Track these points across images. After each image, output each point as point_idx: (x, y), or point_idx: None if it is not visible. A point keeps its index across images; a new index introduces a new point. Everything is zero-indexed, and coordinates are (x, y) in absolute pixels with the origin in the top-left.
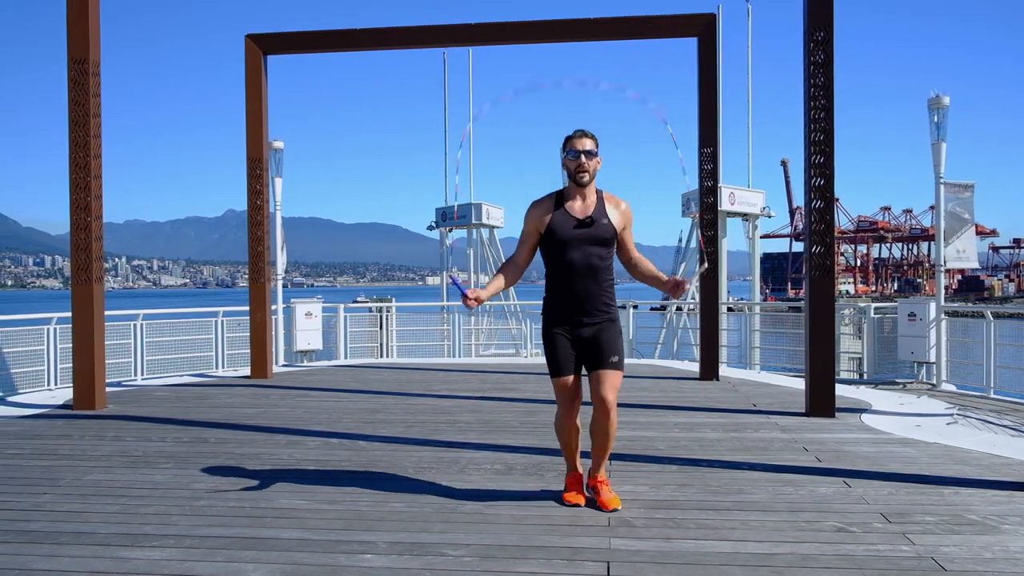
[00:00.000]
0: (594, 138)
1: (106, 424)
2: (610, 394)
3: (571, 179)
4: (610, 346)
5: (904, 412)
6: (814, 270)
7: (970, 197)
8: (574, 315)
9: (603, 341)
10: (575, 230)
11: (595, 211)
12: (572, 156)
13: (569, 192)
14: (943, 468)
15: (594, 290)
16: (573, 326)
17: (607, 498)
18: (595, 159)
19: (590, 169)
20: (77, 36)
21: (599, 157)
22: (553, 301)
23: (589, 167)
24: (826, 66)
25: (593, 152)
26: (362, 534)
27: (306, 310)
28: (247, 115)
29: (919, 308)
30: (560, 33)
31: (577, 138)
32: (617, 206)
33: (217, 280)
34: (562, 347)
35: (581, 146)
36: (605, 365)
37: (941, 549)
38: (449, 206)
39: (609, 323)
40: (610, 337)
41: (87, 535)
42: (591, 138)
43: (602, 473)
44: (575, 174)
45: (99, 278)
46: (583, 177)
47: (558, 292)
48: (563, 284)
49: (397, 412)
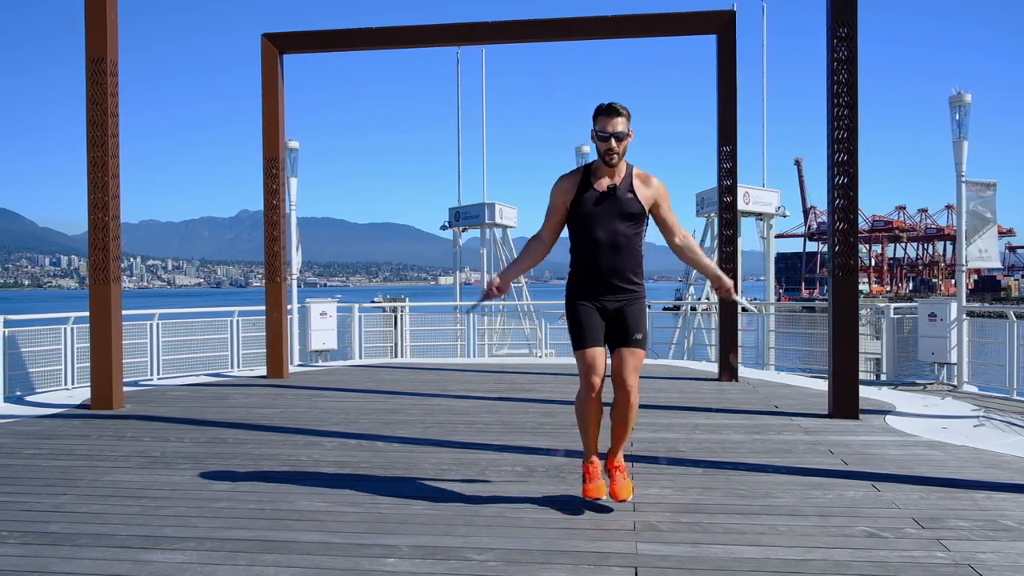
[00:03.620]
0: (626, 114)
1: (124, 424)
2: (632, 376)
3: (600, 157)
4: (635, 322)
5: (929, 414)
6: (837, 270)
7: (992, 196)
8: (599, 292)
9: (628, 316)
10: (599, 204)
11: (622, 184)
12: (602, 136)
13: (597, 168)
14: (973, 472)
15: (619, 267)
16: (598, 301)
17: (619, 486)
18: (625, 139)
19: (619, 151)
20: (95, 35)
21: (631, 133)
22: (577, 277)
23: (619, 149)
24: (850, 62)
25: (624, 133)
26: (384, 537)
27: (321, 310)
28: (263, 114)
29: (940, 308)
30: (577, 31)
31: (608, 116)
32: (646, 182)
33: (231, 280)
34: (587, 316)
35: (612, 127)
36: (628, 343)
37: (978, 556)
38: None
39: (635, 300)
40: (635, 313)
41: (107, 537)
42: (623, 115)
43: (619, 458)
44: (603, 155)
45: (117, 278)
46: (612, 159)
47: (582, 268)
48: (588, 260)
49: (414, 413)
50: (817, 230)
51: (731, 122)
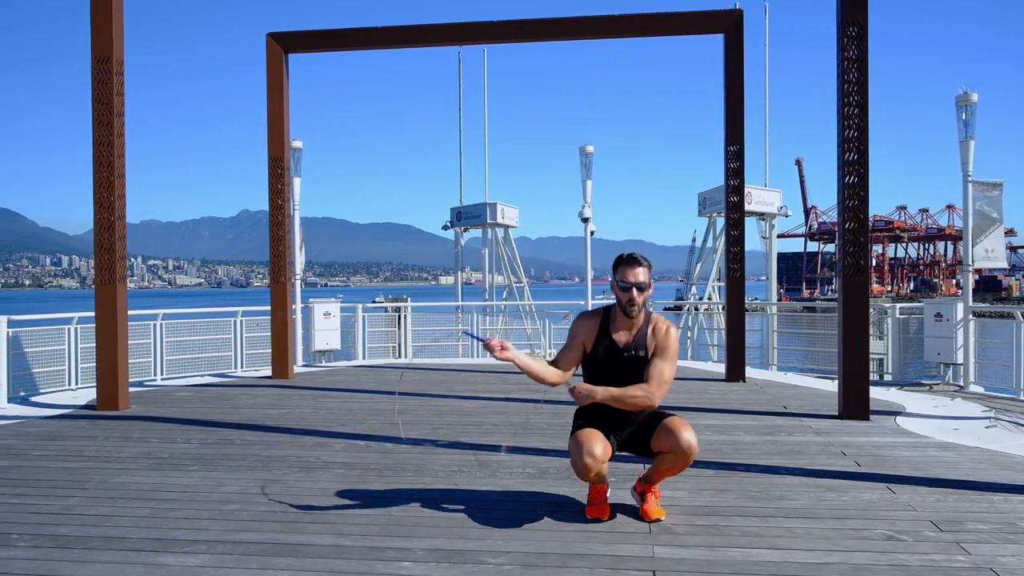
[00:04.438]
0: (647, 265)
1: (130, 425)
2: (693, 438)
3: (620, 308)
4: (657, 413)
5: (939, 415)
6: (848, 270)
7: (999, 196)
8: (607, 426)
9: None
10: (613, 359)
11: (636, 340)
12: (623, 288)
13: (616, 317)
14: (988, 474)
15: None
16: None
17: (651, 507)
18: (647, 290)
19: (640, 302)
20: (101, 34)
21: (651, 284)
22: (587, 412)
23: (639, 300)
24: (860, 61)
25: (645, 284)
26: (398, 540)
27: (325, 310)
28: (268, 114)
29: (946, 309)
30: (583, 30)
31: (629, 267)
32: (657, 334)
33: (231, 280)
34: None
35: (633, 278)
36: (663, 416)
37: (999, 559)
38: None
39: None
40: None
41: (117, 540)
42: (644, 266)
43: (657, 488)
44: (625, 306)
45: (123, 277)
46: (632, 310)
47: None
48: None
49: (422, 414)
50: (818, 230)
51: (738, 122)
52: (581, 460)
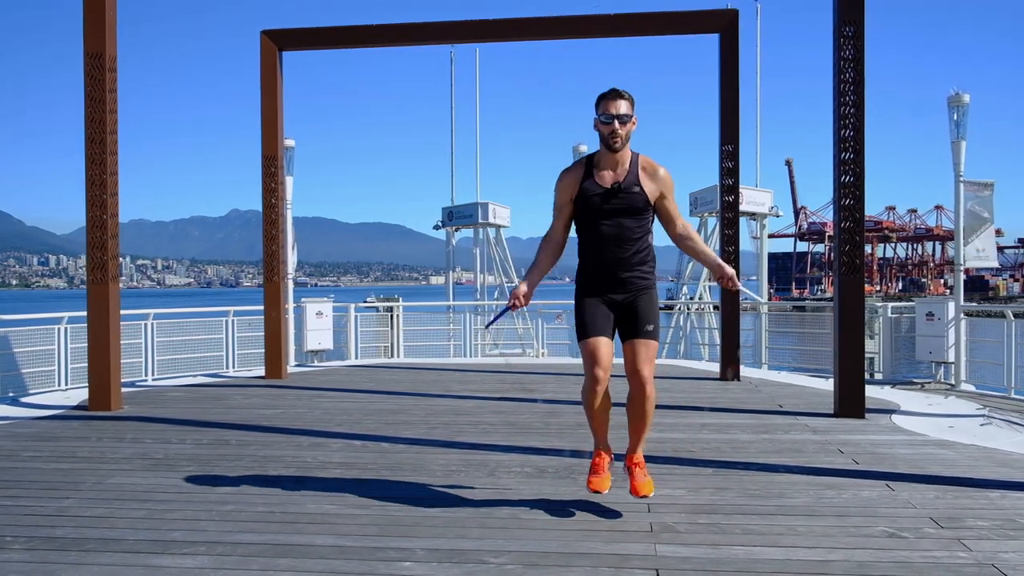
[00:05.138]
0: (629, 99)
1: (123, 425)
2: (646, 368)
3: (603, 144)
4: (645, 314)
5: (934, 413)
6: (843, 268)
7: (990, 196)
8: (606, 286)
9: (638, 308)
10: (604, 200)
11: (627, 179)
12: (605, 120)
13: (601, 158)
14: (986, 471)
15: (627, 261)
16: (606, 295)
17: (640, 483)
18: (629, 123)
19: (623, 134)
20: (93, 30)
21: (634, 119)
22: (585, 272)
23: (622, 132)
24: (856, 61)
25: (627, 116)
26: (398, 540)
27: (317, 309)
28: (262, 112)
29: (937, 308)
30: (577, 29)
31: (611, 99)
32: (653, 173)
33: (221, 280)
34: (592, 308)
35: (615, 109)
36: (640, 334)
37: (1000, 556)
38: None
39: (644, 292)
40: (645, 305)
41: (114, 541)
42: (626, 99)
43: (638, 455)
44: (607, 139)
45: (115, 277)
46: (616, 143)
47: (590, 263)
48: (594, 255)
49: (417, 413)
50: (807, 230)
51: (734, 121)
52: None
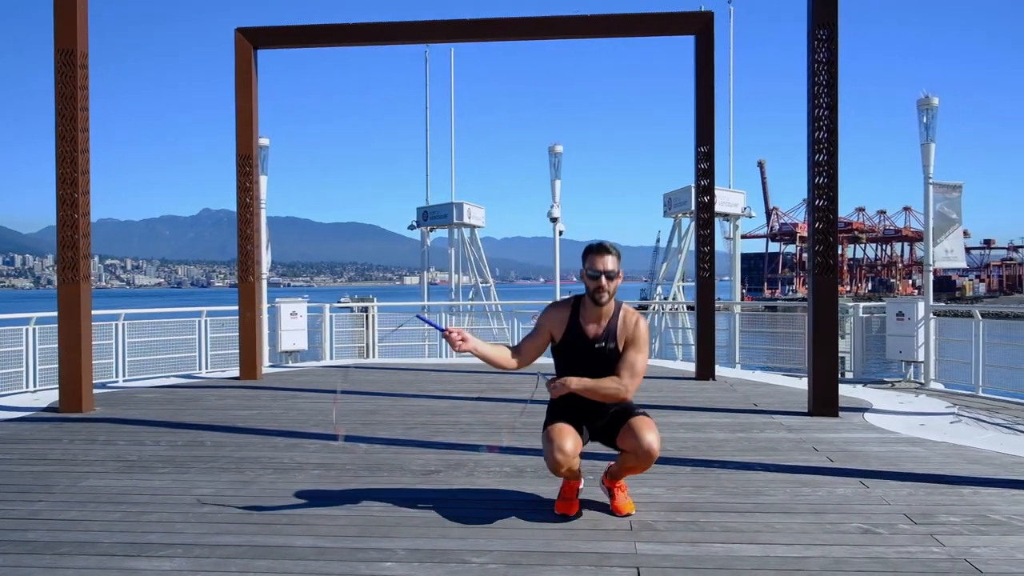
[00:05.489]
0: (616, 254)
1: (96, 427)
2: (656, 442)
3: (589, 297)
4: (630, 407)
5: (905, 411)
6: (817, 268)
7: (958, 197)
8: (581, 416)
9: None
10: (584, 352)
11: (606, 331)
12: (592, 275)
13: (585, 309)
14: (957, 467)
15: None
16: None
17: (622, 503)
18: (616, 278)
19: (610, 290)
20: (64, 26)
21: (621, 273)
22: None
23: (609, 288)
24: (830, 64)
25: (614, 272)
26: (378, 541)
27: (291, 310)
28: (237, 111)
29: (907, 308)
30: (554, 30)
31: (598, 255)
32: (627, 324)
33: (192, 280)
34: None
35: (602, 265)
36: (633, 414)
37: (973, 551)
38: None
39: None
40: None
41: (89, 544)
42: (613, 254)
43: (622, 481)
44: (593, 294)
45: (87, 276)
46: (601, 297)
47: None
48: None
49: (394, 413)
50: (779, 231)
51: (709, 122)
52: (552, 456)
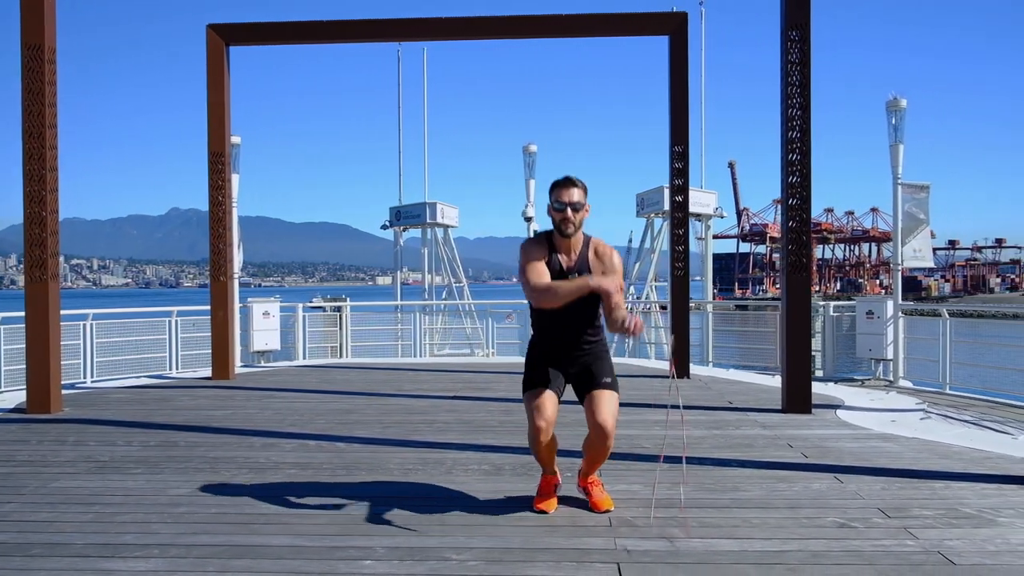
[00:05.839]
0: (582, 187)
1: (65, 428)
2: (609, 419)
3: (556, 230)
4: (600, 370)
5: (877, 408)
6: (791, 267)
7: (926, 198)
8: (559, 359)
9: (592, 367)
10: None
11: (578, 263)
12: (557, 207)
13: (556, 241)
14: (928, 463)
15: (577, 339)
16: (559, 365)
17: (599, 499)
18: (582, 211)
19: (576, 221)
20: (32, 21)
21: (587, 206)
22: (539, 345)
23: (575, 220)
24: (802, 64)
25: (580, 204)
26: (358, 539)
27: (264, 309)
28: (209, 108)
29: (877, 306)
30: (528, 29)
31: (563, 187)
32: (601, 256)
33: (160, 280)
34: (541, 364)
35: (567, 197)
36: (598, 385)
37: (945, 543)
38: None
39: (597, 355)
40: (599, 364)
41: (62, 546)
42: (579, 187)
43: (594, 475)
44: (559, 226)
45: (55, 275)
46: (567, 229)
47: (542, 336)
48: (547, 332)
49: (371, 413)
50: (750, 231)
51: (683, 122)
52: (534, 424)
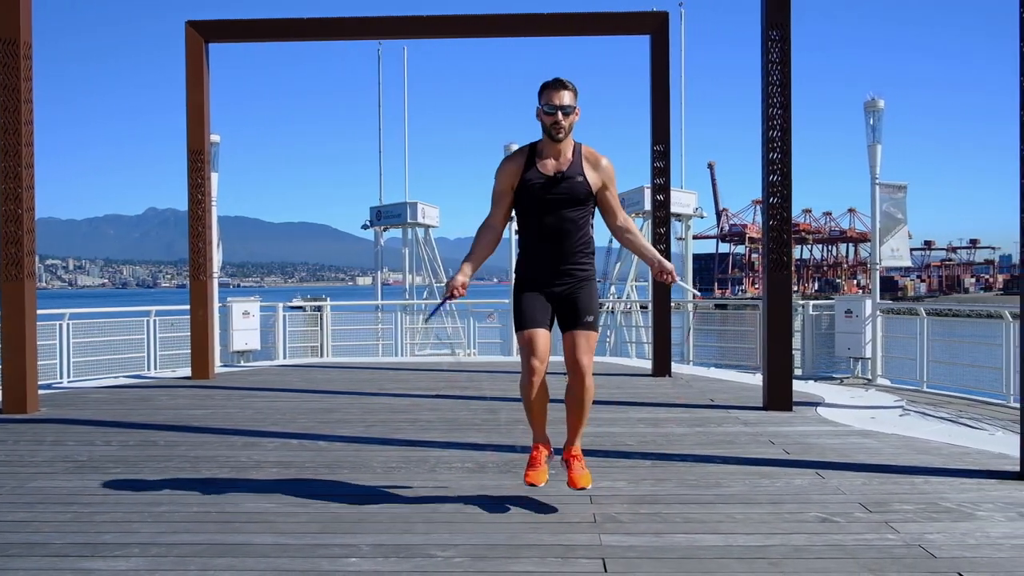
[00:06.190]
0: (573, 89)
1: (42, 428)
2: (585, 357)
3: (545, 134)
4: (585, 305)
5: (856, 405)
6: (772, 266)
7: (903, 197)
8: (546, 277)
9: (578, 299)
10: (546, 189)
11: (569, 168)
12: (548, 110)
13: (543, 147)
14: (908, 458)
15: (567, 251)
16: (545, 287)
17: (577, 475)
18: (572, 114)
19: (566, 125)
20: (7, 15)
21: (577, 109)
22: (525, 263)
23: (565, 123)
24: (783, 64)
25: (571, 107)
26: (341, 537)
27: (243, 309)
28: (188, 106)
29: (855, 305)
30: (508, 28)
31: (555, 90)
32: (596, 163)
33: (138, 280)
34: (531, 300)
35: (559, 100)
36: (579, 324)
37: (926, 536)
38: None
39: (584, 283)
40: (585, 296)
41: (40, 546)
42: (570, 90)
43: (576, 447)
44: (550, 129)
45: (31, 274)
46: (559, 133)
47: (530, 254)
48: (535, 246)
49: (353, 412)
50: (729, 232)
51: (664, 121)
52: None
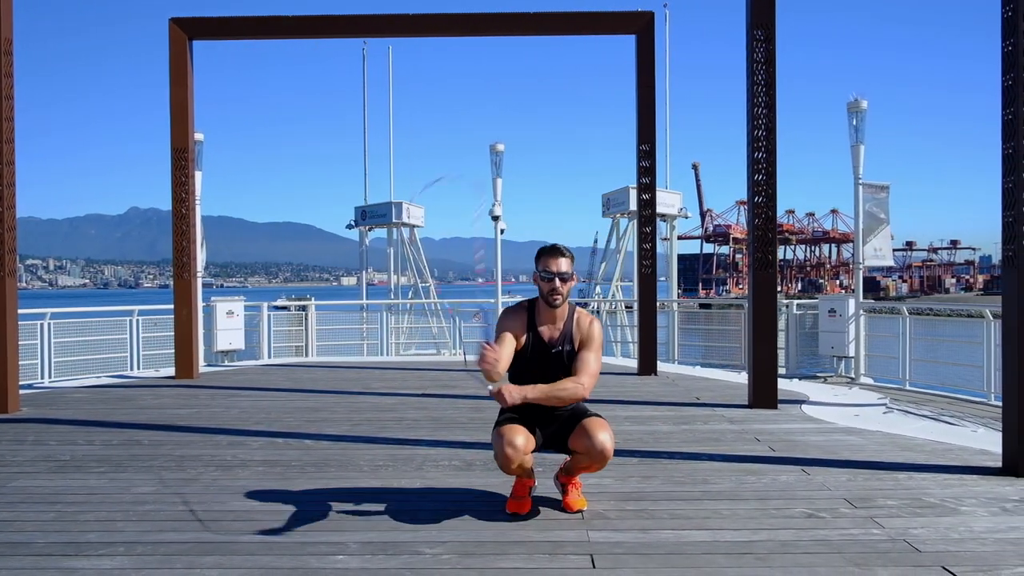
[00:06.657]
0: (570, 256)
1: (23, 427)
2: (608, 440)
3: (543, 300)
4: (580, 411)
5: (840, 403)
6: (757, 265)
7: (886, 197)
8: (534, 420)
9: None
10: (541, 356)
11: (562, 335)
12: (546, 277)
13: (540, 311)
14: (892, 455)
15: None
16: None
17: (573, 499)
18: (570, 280)
19: (564, 292)
20: None
21: (575, 276)
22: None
23: (563, 290)
24: (768, 63)
25: (568, 274)
26: (329, 535)
27: (228, 309)
28: (172, 104)
29: (839, 305)
30: (494, 27)
31: (552, 256)
32: (582, 326)
33: (119, 280)
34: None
35: (556, 267)
36: (587, 415)
37: (911, 531)
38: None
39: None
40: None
41: (23, 545)
42: (567, 257)
43: (577, 479)
44: (547, 297)
45: (12, 272)
46: (556, 300)
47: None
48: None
49: (339, 411)
50: (713, 232)
51: (650, 121)
52: (502, 451)
